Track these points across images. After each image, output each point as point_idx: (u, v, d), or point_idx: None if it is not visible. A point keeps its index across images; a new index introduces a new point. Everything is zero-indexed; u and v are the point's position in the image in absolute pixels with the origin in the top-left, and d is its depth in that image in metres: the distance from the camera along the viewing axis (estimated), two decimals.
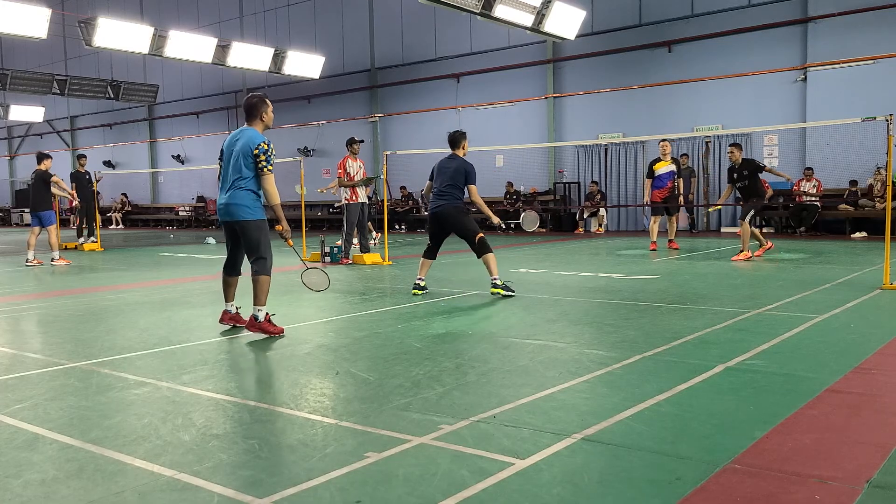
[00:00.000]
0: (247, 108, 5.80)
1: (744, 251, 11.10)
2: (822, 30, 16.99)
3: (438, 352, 5.05)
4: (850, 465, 2.86)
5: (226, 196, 5.69)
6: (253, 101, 5.80)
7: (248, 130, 5.73)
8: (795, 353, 4.79)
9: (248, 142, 5.62)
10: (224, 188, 5.74)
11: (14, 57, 35.25)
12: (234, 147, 5.69)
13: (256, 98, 5.82)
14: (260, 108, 5.78)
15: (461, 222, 7.88)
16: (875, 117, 8.21)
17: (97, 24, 16.16)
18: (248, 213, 5.67)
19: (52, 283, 10.25)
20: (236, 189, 5.65)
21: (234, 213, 5.68)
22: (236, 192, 5.65)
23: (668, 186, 12.97)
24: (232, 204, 5.65)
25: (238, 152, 5.64)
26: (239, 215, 5.67)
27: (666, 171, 12.91)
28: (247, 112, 5.81)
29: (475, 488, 2.67)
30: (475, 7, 13.69)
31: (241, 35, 26.15)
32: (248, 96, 5.86)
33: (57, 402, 3.98)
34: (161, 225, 30.63)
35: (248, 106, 5.80)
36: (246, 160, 5.62)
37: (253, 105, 5.78)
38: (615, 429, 3.32)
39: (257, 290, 5.72)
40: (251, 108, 5.78)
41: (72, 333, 6.16)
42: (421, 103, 23.79)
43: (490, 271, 7.75)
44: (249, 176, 5.67)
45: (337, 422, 3.50)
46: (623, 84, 19.94)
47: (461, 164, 7.90)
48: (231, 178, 5.68)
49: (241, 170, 5.64)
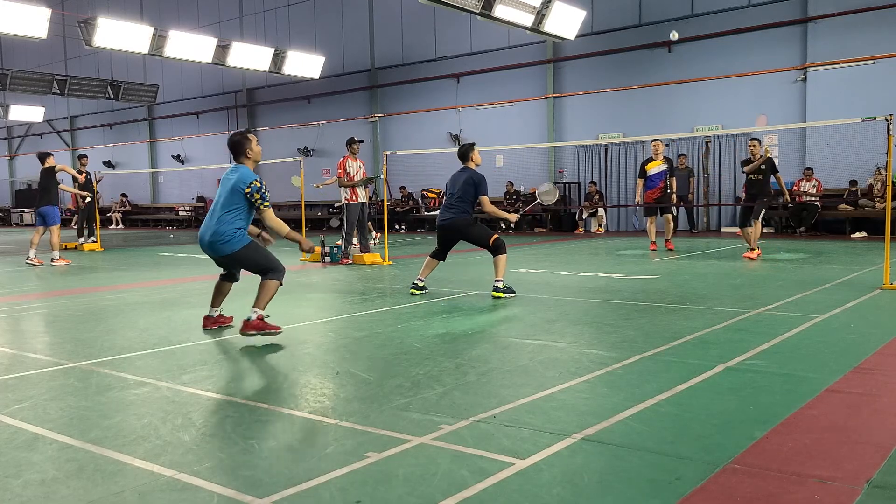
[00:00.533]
0: (231, 147, 5.72)
1: (754, 249, 11.17)
2: (822, 30, 17.00)
3: (438, 352, 5.05)
4: (850, 465, 2.86)
5: (209, 234, 5.60)
6: (235, 139, 5.72)
7: (242, 168, 5.67)
8: (795, 353, 4.79)
9: (239, 180, 5.56)
10: (209, 221, 5.66)
11: (14, 57, 35.24)
12: (227, 184, 5.63)
13: (239, 136, 5.74)
14: (244, 145, 5.68)
15: (470, 234, 7.86)
16: (875, 117, 8.21)
17: (97, 24, 16.16)
18: (231, 245, 5.59)
19: (52, 283, 10.25)
20: (220, 224, 5.58)
21: (219, 250, 5.64)
22: (219, 227, 5.57)
23: (659, 186, 12.94)
24: (216, 242, 5.59)
25: (230, 189, 5.59)
26: (223, 251, 5.63)
27: (658, 171, 12.88)
28: (232, 151, 5.72)
29: (475, 488, 2.67)
30: (475, 7, 13.69)
31: (241, 35, 26.14)
32: (231, 135, 5.79)
33: (57, 402, 3.98)
34: (161, 225, 30.63)
35: (231, 144, 5.71)
36: (235, 196, 5.56)
37: (236, 143, 5.70)
38: (615, 429, 3.32)
39: (263, 292, 5.61)
40: (235, 147, 5.69)
41: (72, 333, 6.16)
42: (421, 103, 23.79)
43: (497, 272, 7.70)
44: (236, 210, 5.60)
45: (337, 422, 3.50)
46: (623, 84, 19.94)
47: (470, 176, 7.83)
48: (218, 213, 5.62)
49: (228, 205, 5.59)
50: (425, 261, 8.11)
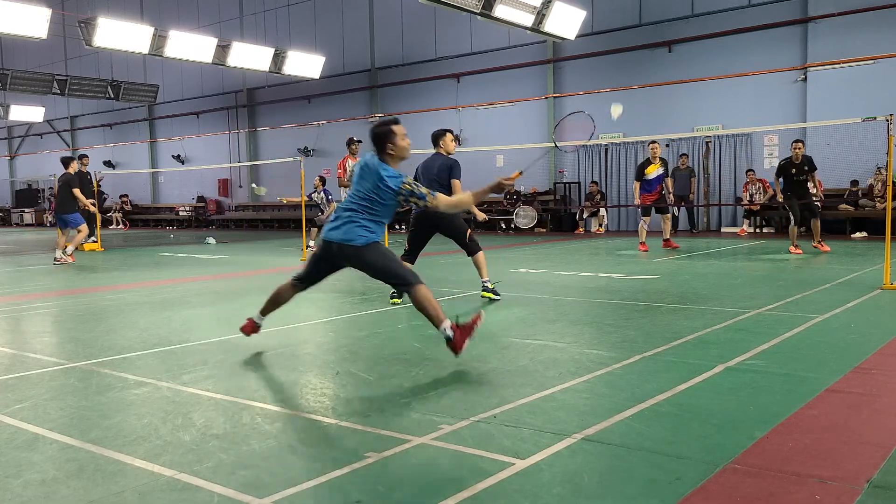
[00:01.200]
0: (373, 140, 4.93)
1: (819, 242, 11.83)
2: (822, 30, 16.99)
3: (438, 352, 5.04)
4: (850, 465, 2.86)
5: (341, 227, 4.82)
6: (377, 130, 4.92)
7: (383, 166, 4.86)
8: (795, 353, 4.79)
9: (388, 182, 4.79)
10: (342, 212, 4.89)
11: (14, 57, 35.25)
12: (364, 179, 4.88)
13: (382, 127, 4.93)
14: (386, 138, 4.87)
15: (452, 223, 7.45)
16: (875, 117, 8.21)
17: (97, 24, 16.16)
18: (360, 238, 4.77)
19: (52, 283, 10.25)
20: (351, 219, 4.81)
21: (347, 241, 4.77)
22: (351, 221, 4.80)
23: (657, 190, 12.99)
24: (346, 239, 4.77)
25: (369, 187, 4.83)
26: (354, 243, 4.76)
27: (656, 176, 12.89)
28: (374, 144, 4.94)
29: (475, 488, 2.67)
30: (475, 7, 13.69)
31: (241, 35, 26.15)
32: (375, 124, 4.98)
33: (57, 402, 3.98)
34: (161, 225, 30.63)
35: (373, 136, 4.93)
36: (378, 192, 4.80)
37: (377, 135, 4.91)
38: (615, 429, 3.32)
39: (426, 310, 4.66)
40: (376, 139, 4.91)
41: (72, 333, 6.16)
42: (421, 103, 23.78)
43: (481, 273, 7.48)
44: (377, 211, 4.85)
45: (337, 422, 3.50)
46: (623, 84, 19.94)
47: (445, 161, 7.50)
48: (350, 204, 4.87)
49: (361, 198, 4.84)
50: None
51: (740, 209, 18.08)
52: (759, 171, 17.84)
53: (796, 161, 11.52)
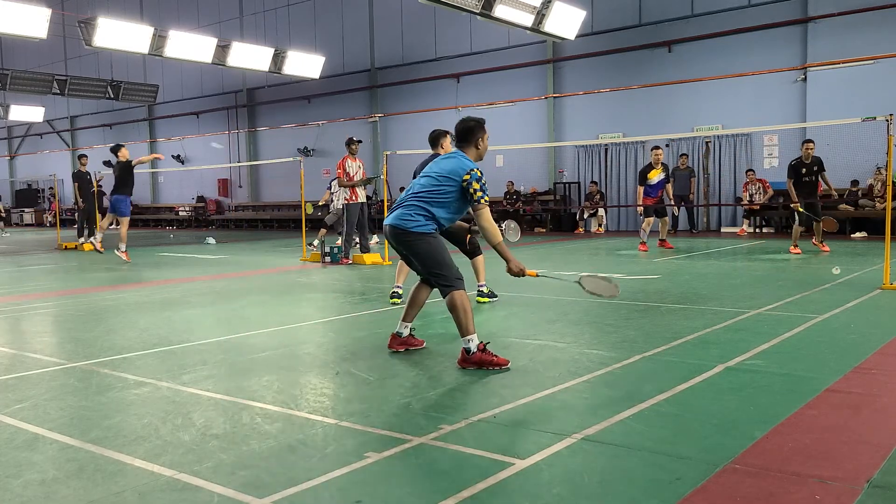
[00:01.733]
0: (460, 132, 4.93)
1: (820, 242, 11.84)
2: (822, 30, 16.99)
3: (438, 352, 5.05)
4: (850, 465, 2.86)
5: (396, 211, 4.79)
6: (470, 124, 4.94)
7: (460, 155, 4.87)
8: (795, 353, 4.79)
9: (457, 165, 4.74)
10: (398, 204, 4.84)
11: (14, 57, 35.26)
12: (436, 166, 4.85)
13: (473, 122, 4.96)
14: (476, 134, 4.91)
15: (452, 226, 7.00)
16: (875, 117, 8.21)
17: (97, 24, 16.16)
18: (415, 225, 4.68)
19: (52, 283, 10.25)
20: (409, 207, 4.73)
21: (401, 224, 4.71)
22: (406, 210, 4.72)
23: (658, 195, 13.00)
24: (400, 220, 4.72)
25: (440, 171, 4.76)
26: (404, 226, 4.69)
27: (658, 181, 12.87)
28: (459, 136, 4.94)
29: (475, 488, 2.67)
30: (475, 7, 13.69)
31: (241, 35, 26.16)
32: (464, 118, 5.00)
33: (57, 402, 3.98)
34: (161, 225, 30.63)
35: (463, 130, 4.93)
36: (446, 182, 4.70)
37: (469, 129, 4.92)
38: (615, 429, 3.32)
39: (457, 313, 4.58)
40: (466, 133, 4.91)
41: (72, 333, 6.16)
42: (421, 103, 23.78)
43: (478, 276, 7.31)
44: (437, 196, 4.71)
45: (337, 422, 3.50)
46: (623, 84, 19.93)
47: None
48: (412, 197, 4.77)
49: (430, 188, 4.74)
50: (398, 266, 7.44)
51: (740, 209, 18.09)
52: (758, 171, 17.83)
53: (806, 161, 11.50)
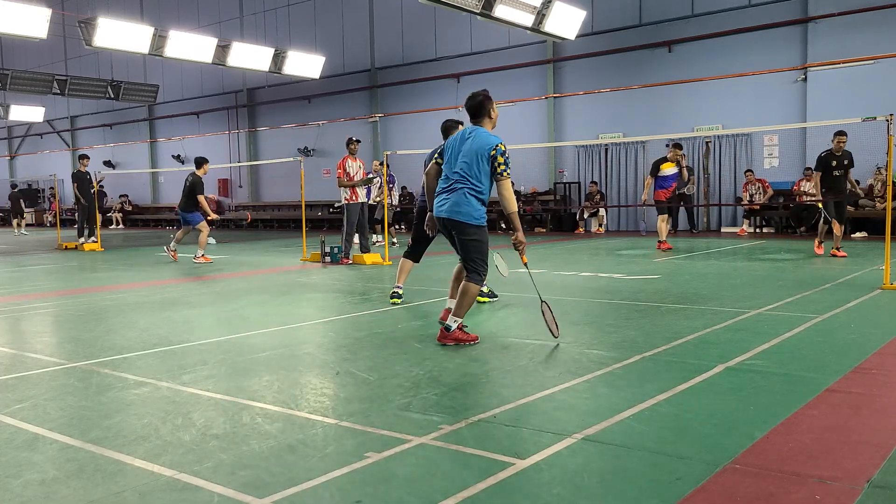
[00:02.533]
0: (473, 108, 5.32)
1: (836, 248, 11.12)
2: (822, 30, 16.99)
3: (438, 352, 5.05)
4: (850, 465, 2.86)
5: (449, 199, 5.23)
6: (478, 99, 5.32)
7: (480, 130, 5.28)
8: (795, 353, 4.79)
9: (484, 142, 5.15)
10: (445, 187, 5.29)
11: (14, 57, 35.25)
12: (463, 146, 5.23)
13: (482, 96, 5.34)
14: (487, 106, 5.31)
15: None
16: (875, 117, 8.21)
17: (97, 24, 16.16)
18: (473, 218, 5.20)
19: (52, 283, 10.26)
20: (461, 193, 5.19)
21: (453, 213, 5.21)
22: (461, 196, 5.19)
23: (671, 188, 12.93)
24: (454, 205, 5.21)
25: (474, 152, 5.16)
26: (461, 217, 5.20)
27: (671, 173, 12.85)
28: (472, 112, 5.34)
29: (475, 488, 2.67)
30: (475, 7, 13.69)
31: (241, 35, 26.15)
32: (472, 94, 5.38)
33: (57, 402, 3.98)
34: (161, 225, 30.62)
35: (475, 105, 5.32)
36: (481, 161, 5.14)
37: (479, 104, 5.31)
38: (615, 429, 3.32)
39: (464, 299, 5.17)
40: (478, 107, 5.31)
41: (72, 333, 6.16)
42: (421, 103, 23.78)
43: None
44: (478, 178, 5.17)
45: (337, 422, 3.50)
46: (623, 84, 19.93)
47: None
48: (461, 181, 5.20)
49: (469, 171, 5.17)
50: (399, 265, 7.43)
51: (740, 209, 18.09)
52: (758, 171, 17.83)
53: (837, 153, 11.01)
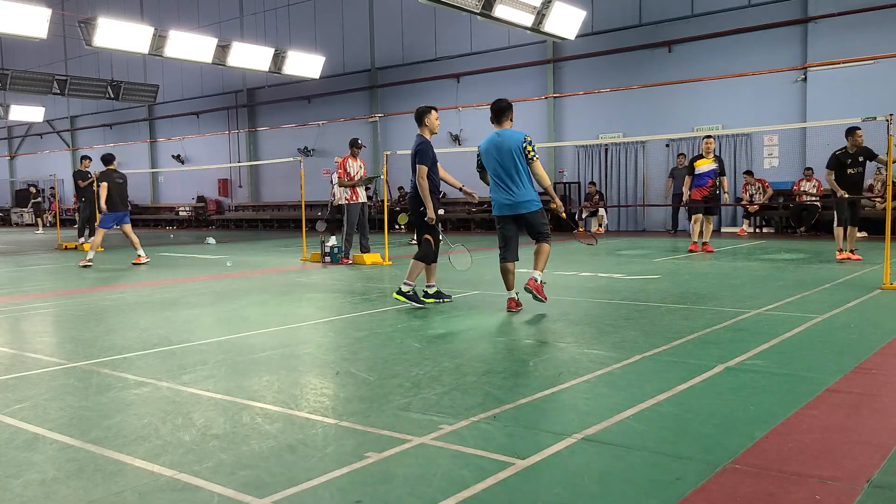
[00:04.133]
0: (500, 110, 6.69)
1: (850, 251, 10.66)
2: (822, 30, 16.99)
3: (438, 352, 5.05)
4: (850, 465, 2.86)
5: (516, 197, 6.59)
6: (504, 104, 6.69)
7: (507, 131, 6.64)
8: (795, 353, 4.79)
9: (516, 140, 6.52)
10: (506, 185, 6.59)
11: (14, 57, 35.26)
12: (506, 148, 6.52)
13: (506, 102, 6.70)
14: (511, 110, 6.76)
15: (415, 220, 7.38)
16: (875, 117, 8.21)
17: (97, 24, 16.16)
18: (535, 204, 6.64)
19: (52, 283, 10.25)
20: (524, 186, 6.57)
21: (519, 208, 6.60)
22: (525, 189, 6.57)
23: (708, 185, 12.30)
24: (519, 202, 6.59)
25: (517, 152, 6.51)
26: (528, 208, 6.60)
27: (707, 170, 12.24)
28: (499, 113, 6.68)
29: (475, 488, 2.67)
30: (475, 7, 13.69)
31: (241, 35, 26.16)
32: (499, 100, 6.73)
33: (57, 402, 3.98)
34: (161, 225, 30.63)
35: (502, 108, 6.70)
36: (520, 157, 6.51)
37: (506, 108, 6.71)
38: (615, 429, 3.32)
39: (542, 256, 6.69)
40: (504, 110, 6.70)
41: (72, 333, 6.16)
42: (421, 103, 23.68)
43: (408, 274, 7.21)
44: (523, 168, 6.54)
45: (337, 422, 3.50)
46: (623, 84, 19.93)
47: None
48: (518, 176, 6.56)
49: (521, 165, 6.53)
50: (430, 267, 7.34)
51: (740, 209, 18.09)
52: (758, 171, 17.83)
53: (852, 151, 10.45)
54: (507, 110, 6.67)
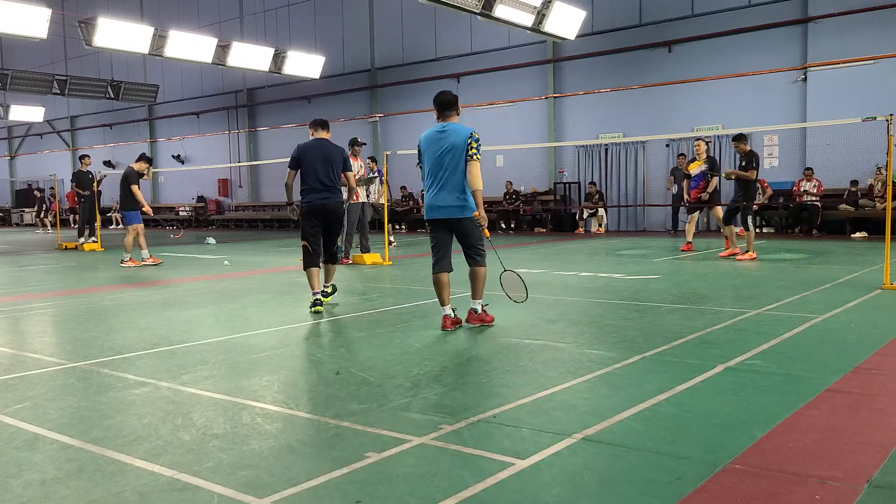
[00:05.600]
0: (444, 103, 5.85)
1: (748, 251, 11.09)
2: (822, 30, 16.99)
3: (438, 352, 5.05)
4: (850, 465, 2.86)
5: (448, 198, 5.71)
6: (450, 97, 5.88)
7: (452, 124, 5.81)
8: (795, 353, 4.79)
9: (461, 135, 5.67)
10: (443, 186, 5.73)
11: (14, 57, 35.24)
12: (446, 142, 5.69)
13: (452, 95, 5.92)
14: (457, 102, 5.91)
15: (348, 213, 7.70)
16: (875, 117, 8.21)
17: (97, 24, 16.16)
18: (468, 210, 5.75)
19: (52, 283, 10.25)
20: (458, 187, 5.70)
21: (453, 212, 5.74)
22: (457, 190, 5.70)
23: (700, 186, 12.64)
24: (451, 206, 5.71)
25: (458, 147, 5.65)
26: (466, 214, 5.74)
27: (699, 172, 12.60)
28: (443, 106, 5.85)
29: (475, 488, 2.67)
30: (475, 7, 13.69)
31: (241, 35, 26.13)
32: (442, 92, 5.96)
33: (57, 402, 3.98)
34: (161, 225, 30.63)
35: (446, 101, 5.86)
36: (463, 155, 5.65)
37: (452, 100, 5.87)
38: (615, 429, 3.32)
39: (479, 283, 5.92)
40: (449, 103, 5.86)
41: (72, 333, 6.16)
42: (421, 103, 23.76)
43: (328, 277, 7.41)
44: (462, 170, 5.68)
45: (337, 422, 3.50)
46: (623, 84, 19.93)
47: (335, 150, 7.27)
48: (453, 175, 5.69)
49: (459, 165, 5.67)
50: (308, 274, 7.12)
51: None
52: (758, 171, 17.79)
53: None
54: (454, 104, 5.88)
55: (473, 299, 5.94)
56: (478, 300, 5.92)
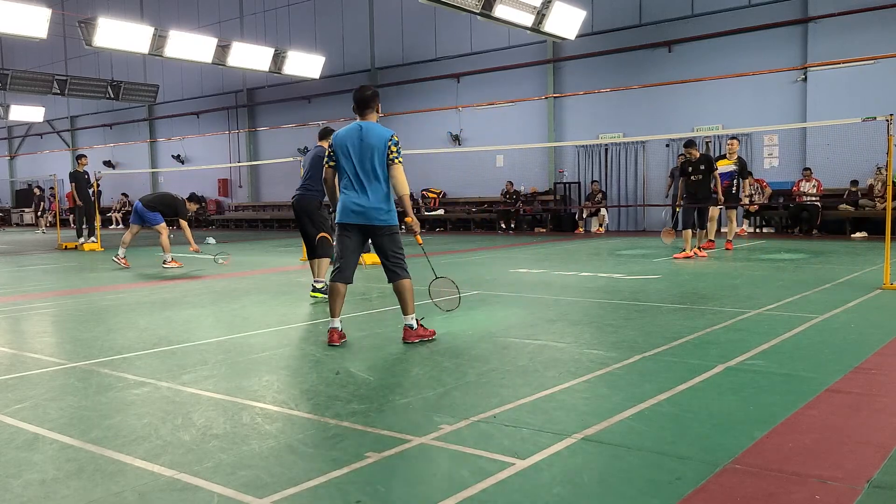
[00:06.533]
0: (363, 100, 5.37)
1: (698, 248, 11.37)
2: (822, 30, 16.99)
3: (438, 352, 5.05)
4: (850, 465, 2.86)
5: (369, 198, 5.28)
6: (369, 93, 5.40)
7: (370, 123, 5.35)
8: (795, 353, 4.79)
9: (380, 136, 5.25)
10: (359, 188, 5.29)
11: (14, 57, 35.23)
12: (363, 142, 5.25)
13: (371, 90, 5.43)
14: (376, 100, 5.43)
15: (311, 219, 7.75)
16: (875, 117, 8.21)
17: (97, 24, 16.16)
18: (391, 219, 5.40)
19: (52, 283, 10.25)
20: (379, 193, 5.31)
21: (372, 218, 5.31)
22: (380, 195, 5.31)
23: (725, 185, 12.47)
24: (372, 208, 5.29)
25: (378, 149, 5.23)
26: (383, 220, 5.35)
27: (727, 171, 12.50)
28: (361, 104, 5.37)
29: (475, 488, 2.67)
30: (475, 7, 13.69)
31: (241, 35, 26.13)
32: (361, 88, 5.45)
33: (57, 402, 3.98)
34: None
35: (364, 98, 5.37)
36: (382, 157, 5.25)
37: (370, 97, 5.39)
38: (615, 429, 3.32)
39: (408, 296, 5.39)
40: (368, 100, 5.38)
41: (72, 333, 6.16)
42: (421, 103, 23.78)
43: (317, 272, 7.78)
44: (383, 174, 5.28)
45: (337, 422, 3.50)
46: (623, 84, 19.93)
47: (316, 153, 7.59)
48: (374, 180, 5.28)
49: (377, 168, 5.26)
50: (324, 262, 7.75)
51: (740, 209, 18.07)
52: (758, 172, 17.82)
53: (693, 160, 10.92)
54: (372, 100, 5.38)
55: (405, 315, 5.36)
56: (410, 315, 5.35)
